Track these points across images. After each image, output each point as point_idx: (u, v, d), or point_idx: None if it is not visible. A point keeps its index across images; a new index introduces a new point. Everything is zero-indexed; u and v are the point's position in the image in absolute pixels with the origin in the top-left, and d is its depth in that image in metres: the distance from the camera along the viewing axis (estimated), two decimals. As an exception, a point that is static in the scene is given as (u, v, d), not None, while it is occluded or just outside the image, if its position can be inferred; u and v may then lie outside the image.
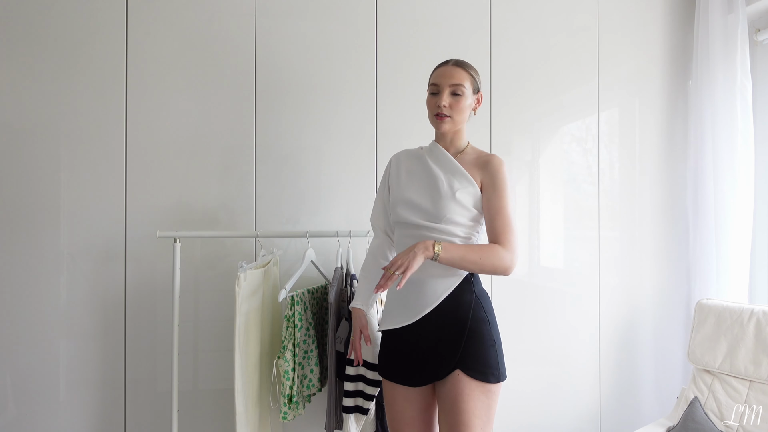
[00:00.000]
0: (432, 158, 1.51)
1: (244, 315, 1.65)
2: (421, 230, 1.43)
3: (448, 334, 1.39)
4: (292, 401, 1.69)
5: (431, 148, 1.54)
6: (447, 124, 1.46)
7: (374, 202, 1.66)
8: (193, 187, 2.01)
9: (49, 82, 1.94)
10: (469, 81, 1.46)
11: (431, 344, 1.40)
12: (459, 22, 2.18)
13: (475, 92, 1.49)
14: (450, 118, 1.45)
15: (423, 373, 1.42)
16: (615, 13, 2.30)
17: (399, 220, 1.49)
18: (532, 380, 2.22)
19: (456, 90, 1.44)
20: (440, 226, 1.41)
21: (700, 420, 1.85)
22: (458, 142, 1.52)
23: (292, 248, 2.07)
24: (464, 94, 1.45)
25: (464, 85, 1.45)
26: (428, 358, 1.41)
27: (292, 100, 2.07)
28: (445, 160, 1.49)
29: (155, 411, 1.97)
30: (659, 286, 2.34)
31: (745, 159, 2.14)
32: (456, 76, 1.45)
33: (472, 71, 1.49)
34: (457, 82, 1.44)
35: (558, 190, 2.28)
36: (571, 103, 2.28)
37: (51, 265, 1.94)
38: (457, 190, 1.42)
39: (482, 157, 1.48)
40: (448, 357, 1.38)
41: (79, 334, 1.95)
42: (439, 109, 1.44)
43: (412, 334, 1.42)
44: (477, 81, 1.49)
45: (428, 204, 1.43)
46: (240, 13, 2.05)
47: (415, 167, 1.53)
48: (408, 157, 1.57)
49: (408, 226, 1.46)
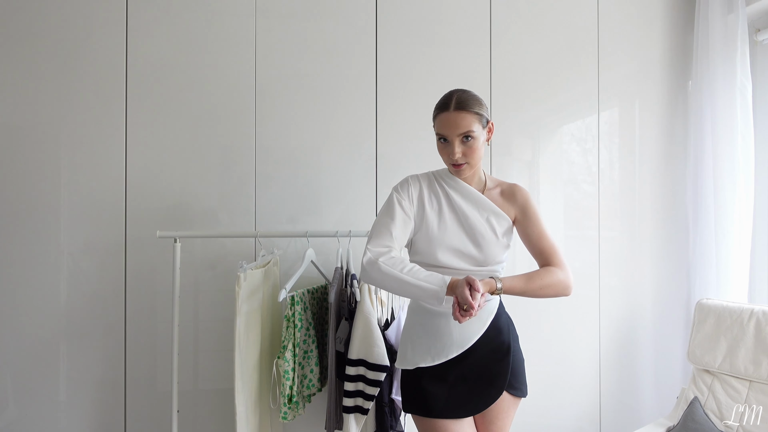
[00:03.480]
0: (459, 196, 1.42)
1: (244, 315, 1.65)
2: (464, 274, 1.35)
3: (495, 359, 1.40)
4: (292, 401, 1.69)
5: (452, 184, 1.44)
6: (466, 170, 1.40)
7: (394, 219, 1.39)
8: (193, 187, 2.01)
9: (49, 82, 1.94)
10: (476, 122, 1.35)
11: (482, 370, 1.39)
12: (459, 22, 2.18)
13: (484, 127, 1.39)
14: (467, 165, 1.38)
15: (475, 401, 1.39)
16: (615, 13, 2.30)
17: (442, 265, 1.38)
18: (532, 380, 2.20)
19: (467, 136, 1.35)
20: (488, 269, 1.40)
21: (700, 420, 1.85)
22: (479, 175, 1.46)
23: (292, 248, 2.07)
24: (475, 137, 1.35)
25: (473, 130, 1.34)
26: (479, 385, 1.39)
27: (292, 100, 2.07)
28: (477, 199, 1.42)
29: (155, 411, 1.97)
30: (659, 286, 2.34)
31: (745, 159, 2.14)
32: (462, 124, 1.33)
33: (476, 108, 1.35)
34: (465, 130, 1.34)
35: (558, 190, 2.28)
36: (571, 103, 2.28)
37: (51, 265, 1.94)
38: (498, 231, 1.40)
39: (506, 190, 1.46)
40: (500, 380, 1.40)
41: (79, 334, 1.95)
42: (454, 160, 1.37)
43: (458, 364, 1.38)
44: (485, 115, 1.38)
45: (474, 251, 1.38)
46: (240, 13, 2.05)
47: (441, 204, 1.42)
48: (429, 188, 1.45)
49: (454, 271, 1.38)
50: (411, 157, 2.10)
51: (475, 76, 2.18)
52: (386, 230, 1.36)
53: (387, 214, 1.40)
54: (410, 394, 1.43)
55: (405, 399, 1.45)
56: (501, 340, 1.41)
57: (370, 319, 1.66)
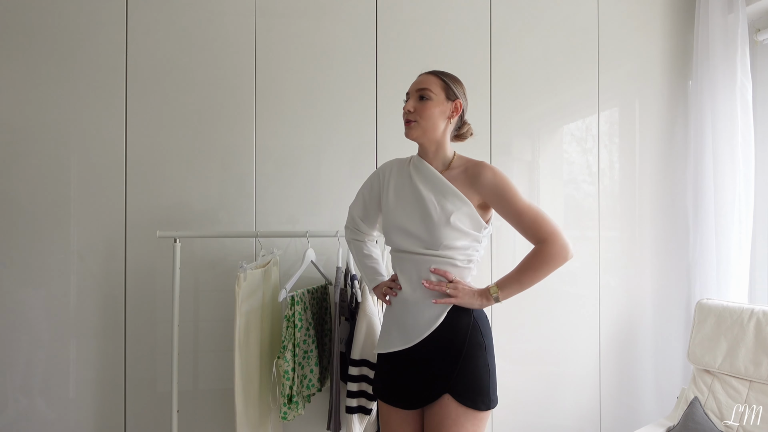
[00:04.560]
0: (419, 177, 1.41)
1: (244, 315, 1.65)
2: (418, 257, 1.37)
3: (443, 358, 1.33)
4: (291, 401, 1.69)
5: (416, 164, 1.44)
6: (414, 130, 1.38)
7: (356, 196, 1.58)
8: (193, 187, 2.01)
9: (49, 82, 1.94)
10: (439, 86, 1.38)
11: (426, 367, 1.35)
12: (459, 22, 2.18)
13: (449, 99, 1.39)
14: (416, 123, 1.37)
15: (415, 396, 1.36)
16: (615, 13, 2.30)
17: (395, 248, 1.42)
18: (532, 380, 2.22)
19: (423, 94, 1.37)
20: (438, 253, 1.34)
21: (700, 420, 1.85)
22: (443, 155, 1.42)
23: (292, 248, 2.07)
24: (432, 99, 1.36)
25: (431, 90, 1.37)
26: (421, 381, 1.35)
27: (292, 100, 2.07)
28: (433, 179, 1.39)
29: (155, 411, 1.97)
30: (659, 286, 2.34)
31: (745, 159, 2.14)
32: (424, 81, 1.39)
33: (445, 78, 1.40)
34: (424, 86, 1.37)
35: (558, 190, 2.28)
36: (571, 103, 2.28)
37: (51, 265, 1.94)
38: (451, 213, 1.33)
39: (470, 169, 1.38)
40: (440, 381, 1.33)
41: (79, 334, 1.95)
42: (404, 113, 1.39)
43: (408, 356, 1.37)
44: (453, 88, 1.39)
45: (422, 231, 1.35)
46: (240, 13, 2.05)
47: (403, 186, 1.43)
48: (398, 171, 1.48)
49: (403, 252, 1.40)
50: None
51: (475, 76, 2.18)
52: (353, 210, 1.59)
53: (357, 195, 1.59)
54: (375, 376, 1.50)
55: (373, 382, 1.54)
56: (455, 341, 1.34)
57: (372, 320, 1.66)
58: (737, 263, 2.15)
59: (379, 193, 1.51)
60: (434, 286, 1.35)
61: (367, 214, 1.55)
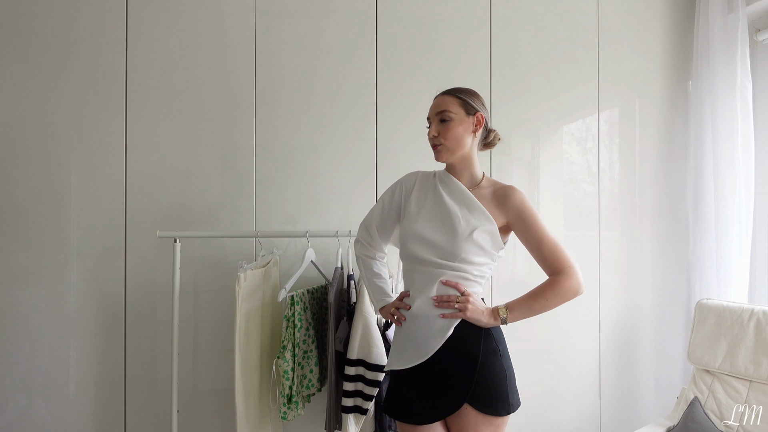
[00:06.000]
0: (446, 190, 1.42)
1: (244, 315, 1.65)
2: (431, 267, 1.37)
3: (459, 368, 1.34)
4: (291, 401, 1.69)
5: (443, 178, 1.45)
6: (442, 153, 1.40)
7: (373, 208, 1.57)
8: (193, 187, 2.01)
9: (48, 83, 1.94)
10: (457, 104, 1.39)
11: (443, 378, 1.35)
12: (459, 22, 2.18)
13: (469, 114, 1.40)
14: (443, 146, 1.39)
15: (437, 408, 1.35)
16: (615, 13, 2.30)
17: (410, 257, 1.41)
18: (532, 380, 2.22)
19: (443, 117, 1.39)
20: (454, 265, 1.35)
21: (700, 420, 1.85)
22: (471, 174, 1.44)
23: (292, 248, 2.07)
24: (452, 119, 1.38)
25: (450, 110, 1.38)
26: (440, 393, 1.35)
27: (292, 100, 2.07)
28: (460, 194, 1.40)
29: (155, 411, 1.97)
30: (659, 286, 2.34)
31: (745, 159, 2.14)
32: (441, 103, 1.40)
33: (461, 94, 1.41)
34: (442, 108, 1.39)
35: (558, 190, 2.28)
36: (571, 103, 2.28)
37: (51, 265, 1.94)
38: (474, 229, 1.35)
39: (498, 191, 1.40)
40: (458, 391, 1.33)
41: (79, 334, 1.95)
42: (430, 139, 1.41)
43: (425, 370, 1.36)
44: (471, 103, 1.40)
45: (443, 241, 1.36)
46: (240, 13, 2.05)
47: (426, 197, 1.44)
48: (422, 182, 1.48)
49: (418, 262, 1.39)
50: (411, 157, 2.10)
51: (475, 76, 2.18)
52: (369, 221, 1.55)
53: (375, 206, 1.56)
54: (388, 395, 1.45)
55: (385, 399, 1.49)
56: (467, 352, 1.34)
57: (369, 320, 1.66)
58: (737, 263, 2.15)
59: (400, 202, 1.50)
60: (443, 303, 1.35)
61: (384, 224, 1.53)
